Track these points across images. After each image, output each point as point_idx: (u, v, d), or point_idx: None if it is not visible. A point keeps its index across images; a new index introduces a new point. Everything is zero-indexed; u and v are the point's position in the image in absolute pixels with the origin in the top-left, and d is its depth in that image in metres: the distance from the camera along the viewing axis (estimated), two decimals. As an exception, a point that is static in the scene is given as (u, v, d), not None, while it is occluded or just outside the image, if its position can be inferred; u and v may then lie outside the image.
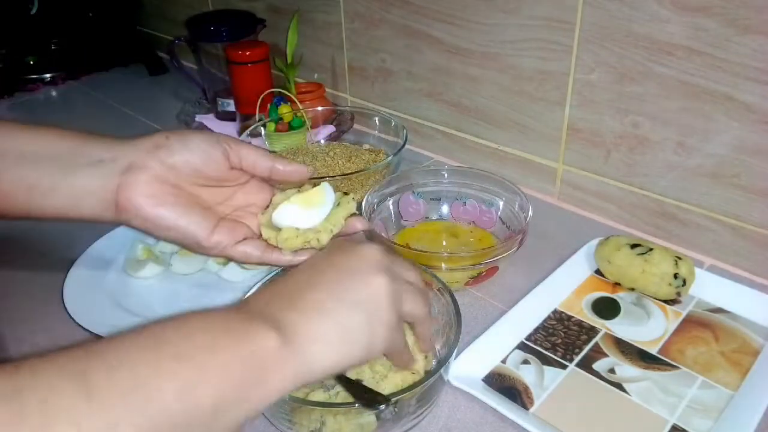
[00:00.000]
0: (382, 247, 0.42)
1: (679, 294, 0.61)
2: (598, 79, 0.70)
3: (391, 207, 0.72)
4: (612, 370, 0.55)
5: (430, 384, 0.46)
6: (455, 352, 0.48)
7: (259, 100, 0.87)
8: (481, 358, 0.56)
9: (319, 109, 0.93)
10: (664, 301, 0.62)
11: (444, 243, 0.70)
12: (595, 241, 0.67)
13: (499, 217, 0.70)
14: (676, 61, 0.63)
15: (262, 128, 0.86)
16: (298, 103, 0.89)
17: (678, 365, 0.55)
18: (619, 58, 0.67)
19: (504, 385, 0.54)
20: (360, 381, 0.46)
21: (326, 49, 1.02)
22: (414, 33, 0.86)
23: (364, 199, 0.67)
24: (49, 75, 1.27)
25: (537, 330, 0.59)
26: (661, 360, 0.56)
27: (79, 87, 1.27)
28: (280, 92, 0.89)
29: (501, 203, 0.70)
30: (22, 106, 1.20)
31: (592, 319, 0.61)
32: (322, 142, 0.90)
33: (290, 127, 0.87)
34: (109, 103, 1.18)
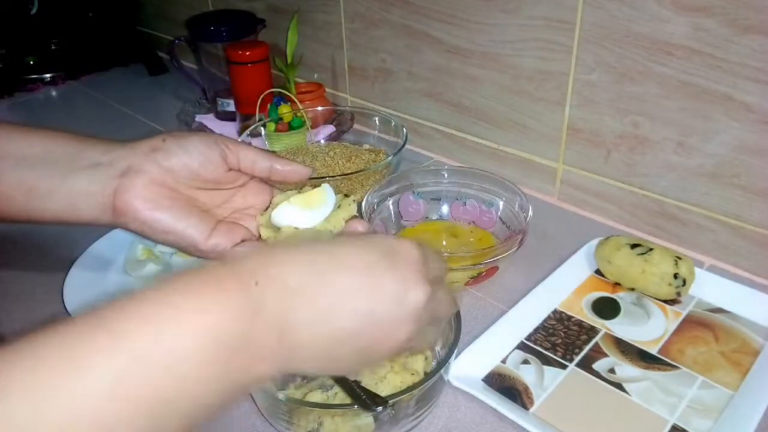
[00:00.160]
0: (422, 260, 0.37)
1: (679, 294, 0.61)
2: (598, 79, 0.70)
3: (391, 207, 0.72)
4: (612, 370, 0.55)
5: (429, 385, 0.46)
6: (455, 352, 0.48)
7: (259, 100, 0.87)
8: (481, 358, 0.56)
9: (319, 109, 0.93)
10: (664, 301, 0.62)
11: (444, 243, 0.70)
12: (595, 241, 0.67)
13: (499, 217, 0.70)
14: (676, 61, 0.63)
15: (262, 128, 0.86)
16: (298, 103, 0.89)
17: (678, 365, 0.55)
18: (619, 58, 0.67)
19: (504, 385, 0.54)
20: (358, 382, 0.46)
21: (326, 49, 1.02)
22: (414, 33, 0.86)
23: (364, 199, 0.67)
24: (49, 75, 1.27)
25: (537, 330, 0.59)
26: (661, 360, 0.56)
27: (79, 87, 1.27)
28: (280, 92, 0.89)
29: (501, 203, 0.70)
30: (22, 106, 1.20)
31: (592, 319, 0.61)
32: (322, 142, 0.90)
33: (290, 127, 0.87)
34: (109, 103, 1.18)
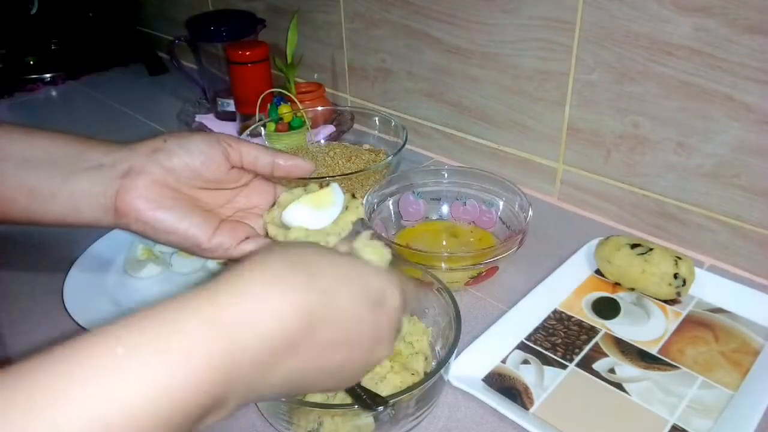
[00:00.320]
0: (401, 308, 0.38)
1: (679, 294, 0.61)
2: (598, 79, 0.70)
3: (391, 207, 0.72)
4: (612, 370, 0.55)
5: (429, 385, 0.46)
6: (455, 352, 0.48)
7: (259, 100, 0.87)
8: (481, 358, 0.56)
9: (319, 109, 0.93)
10: (664, 301, 0.62)
11: (444, 243, 0.70)
12: (595, 241, 0.67)
13: (499, 217, 0.70)
14: (676, 61, 0.63)
15: (262, 128, 0.86)
16: (298, 103, 0.89)
17: (678, 365, 0.55)
18: (619, 58, 0.67)
19: (504, 385, 0.54)
20: (358, 382, 0.46)
21: (326, 49, 1.02)
22: (414, 33, 0.86)
23: (364, 199, 0.67)
24: (49, 75, 1.27)
25: (537, 330, 0.59)
26: (661, 360, 0.56)
27: (79, 87, 1.27)
28: (280, 92, 0.89)
29: (501, 203, 0.70)
30: (22, 106, 1.20)
31: (592, 319, 0.61)
32: (322, 142, 0.90)
33: (290, 127, 0.87)
34: (109, 103, 1.18)
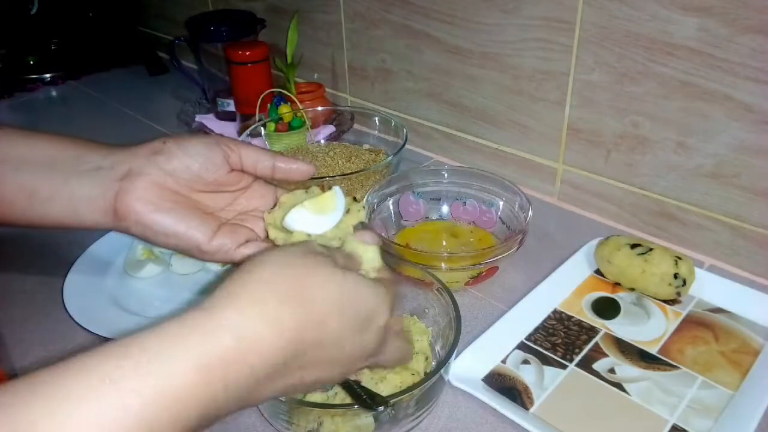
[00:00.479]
0: (388, 325, 0.39)
1: (679, 294, 0.61)
2: (598, 79, 0.70)
3: (391, 207, 0.72)
4: (612, 370, 0.55)
5: (429, 385, 0.46)
6: (455, 352, 0.48)
7: (259, 100, 0.87)
8: (481, 358, 0.56)
9: (319, 109, 0.93)
10: (664, 301, 0.62)
11: (444, 243, 0.70)
12: (595, 241, 0.67)
13: (499, 217, 0.70)
14: (676, 61, 0.63)
15: (262, 128, 0.86)
16: (298, 103, 0.89)
17: (678, 365, 0.55)
18: (619, 58, 0.67)
19: (504, 385, 0.54)
20: (358, 382, 0.46)
21: (326, 49, 1.02)
22: (414, 33, 0.86)
23: (364, 199, 0.67)
24: (49, 75, 1.27)
25: (537, 330, 0.59)
26: (661, 360, 0.56)
27: (79, 87, 1.27)
28: (280, 92, 0.89)
29: (501, 203, 0.70)
30: (22, 106, 1.20)
31: (592, 319, 0.61)
32: (322, 142, 0.90)
33: (290, 127, 0.87)
34: (109, 103, 1.18)
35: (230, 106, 1.01)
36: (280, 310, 0.33)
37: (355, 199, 0.48)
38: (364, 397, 0.43)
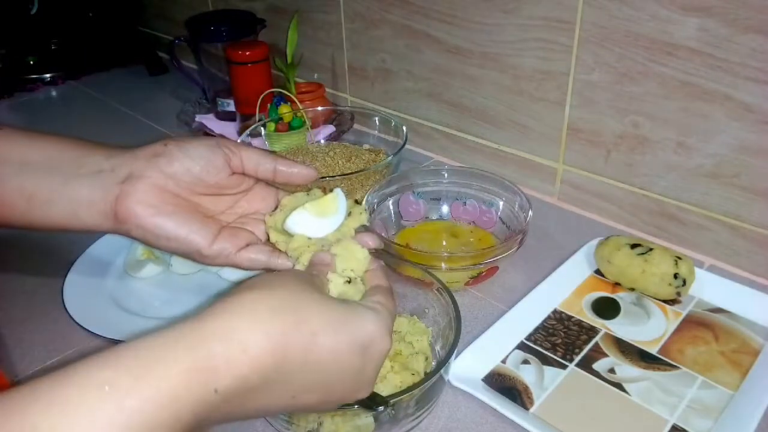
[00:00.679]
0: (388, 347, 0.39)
1: (679, 294, 0.61)
2: (598, 79, 0.70)
3: (391, 207, 0.72)
4: (612, 370, 0.55)
5: (429, 385, 0.46)
6: (455, 352, 0.48)
7: (259, 100, 0.87)
8: (481, 358, 0.56)
9: (319, 109, 0.93)
10: (664, 301, 0.62)
11: (444, 243, 0.70)
12: (595, 241, 0.67)
13: (499, 217, 0.70)
14: (676, 61, 0.63)
15: (262, 128, 0.86)
16: (298, 103, 0.89)
17: (678, 365, 0.55)
18: (619, 58, 0.67)
19: (504, 385, 0.54)
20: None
21: (326, 49, 1.02)
22: (414, 33, 0.86)
23: (364, 199, 0.67)
24: (49, 75, 1.27)
25: (537, 330, 0.59)
26: (661, 360, 0.56)
27: (79, 87, 1.27)
28: (280, 92, 0.89)
29: (501, 203, 0.70)
30: (22, 106, 1.20)
31: (592, 319, 0.61)
32: (322, 142, 0.90)
33: (290, 127, 0.87)
34: (109, 103, 1.19)
35: (230, 106, 1.01)
36: (272, 321, 0.33)
37: (356, 202, 0.48)
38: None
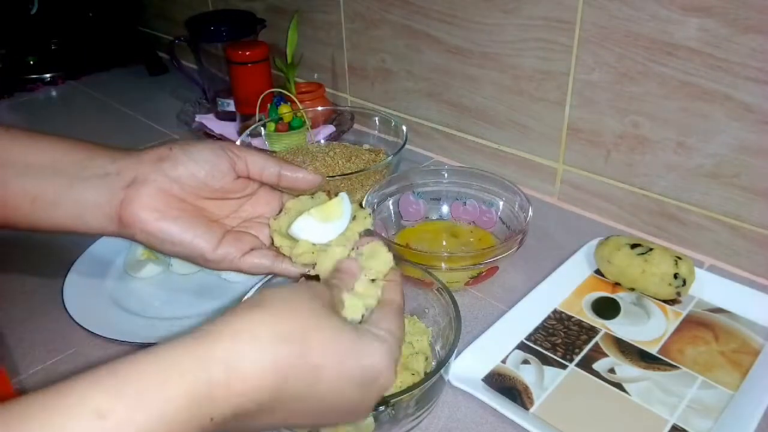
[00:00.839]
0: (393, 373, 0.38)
1: (679, 294, 0.61)
2: (598, 79, 0.70)
3: (391, 207, 0.72)
4: (612, 370, 0.55)
5: (429, 385, 0.46)
6: (455, 352, 0.48)
7: (259, 100, 0.87)
8: (481, 358, 0.56)
9: (319, 109, 0.93)
10: (664, 301, 0.62)
11: (444, 243, 0.70)
12: (595, 241, 0.67)
13: (499, 217, 0.70)
14: (676, 61, 0.63)
15: (262, 128, 0.86)
16: (298, 103, 0.89)
17: (678, 365, 0.55)
18: (619, 58, 0.67)
19: (504, 385, 0.54)
20: None
21: (326, 49, 1.02)
22: (414, 33, 0.86)
23: (364, 199, 0.67)
24: (49, 75, 1.27)
25: (537, 330, 0.59)
26: (661, 360, 0.56)
27: (79, 87, 1.27)
28: (280, 92, 0.89)
29: (501, 203, 0.70)
30: (22, 106, 1.20)
31: (592, 319, 0.61)
32: (322, 142, 0.90)
33: (290, 127, 0.87)
34: (109, 103, 1.19)
35: (230, 106, 1.01)
36: (275, 350, 0.33)
37: (361, 206, 0.48)
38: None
